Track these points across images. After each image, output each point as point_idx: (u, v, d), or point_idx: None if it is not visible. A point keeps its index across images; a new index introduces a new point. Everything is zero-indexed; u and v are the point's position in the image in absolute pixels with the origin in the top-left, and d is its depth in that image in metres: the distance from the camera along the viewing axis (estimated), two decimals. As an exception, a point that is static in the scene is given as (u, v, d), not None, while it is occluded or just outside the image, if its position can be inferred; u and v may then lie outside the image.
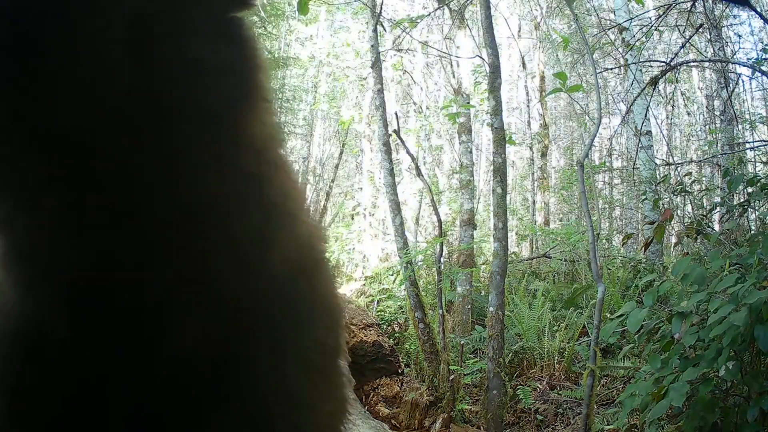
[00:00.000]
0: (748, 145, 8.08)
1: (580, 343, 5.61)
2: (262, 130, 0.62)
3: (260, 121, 0.61)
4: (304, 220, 0.69)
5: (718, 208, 5.74)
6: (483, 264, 9.19)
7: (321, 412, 0.71)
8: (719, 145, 7.99)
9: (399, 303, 7.81)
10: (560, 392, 5.11)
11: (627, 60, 6.95)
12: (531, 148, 13.08)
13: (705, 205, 7.14)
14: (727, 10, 8.45)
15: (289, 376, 0.65)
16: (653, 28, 6.00)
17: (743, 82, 10.15)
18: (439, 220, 5.66)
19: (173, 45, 0.53)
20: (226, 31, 0.58)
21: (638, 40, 6.36)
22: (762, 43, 9.34)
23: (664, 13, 5.89)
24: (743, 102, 11.91)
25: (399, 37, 8.47)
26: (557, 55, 12.64)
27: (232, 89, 0.57)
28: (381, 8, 6.19)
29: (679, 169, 7.58)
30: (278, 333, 0.64)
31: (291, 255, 0.64)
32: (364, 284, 9.65)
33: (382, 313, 7.86)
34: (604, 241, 9.02)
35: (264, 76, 0.63)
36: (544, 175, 12.41)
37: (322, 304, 0.72)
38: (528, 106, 13.97)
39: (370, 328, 6.05)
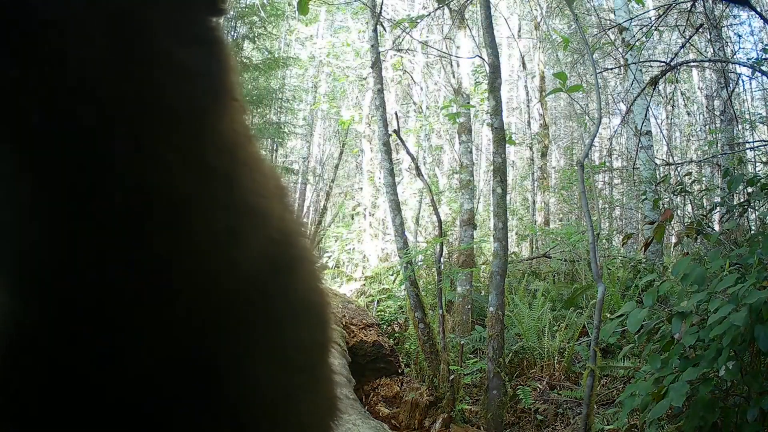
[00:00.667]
0: (748, 145, 8.08)
1: (580, 343, 5.61)
2: (231, 130, 0.63)
3: (230, 121, 0.63)
4: (280, 218, 0.69)
5: (718, 208, 5.74)
6: (483, 264, 9.19)
7: (304, 410, 0.71)
8: (719, 145, 7.99)
9: (399, 303, 7.81)
10: (560, 392, 5.11)
11: (627, 60, 6.95)
12: (531, 148, 13.08)
13: (705, 205, 7.15)
14: (727, 10, 8.45)
15: (267, 374, 0.65)
16: (653, 28, 6.00)
17: (743, 82, 10.18)
18: (439, 220, 5.65)
19: (147, 42, 0.55)
20: (199, 34, 0.60)
21: (638, 40, 6.36)
22: (762, 43, 9.36)
23: (664, 13, 5.89)
24: (743, 102, 11.92)
25: (399, 37, 8.47)
26: (557, 55, 12.64)
27: (202, 89, 0.58)
28: (381, 8, 6.19)
29: (679, 169, 7.59)
30: (253, 332, 0.64)
31: (263, 253, 0.64)
32: (364, 284, 9.65)
33: (382, 313, 7.86)
34: (604, 241, 9.02)
35: (234, 77, 0.64)
36: (544, 175, 12.41)
37: (300, 302, 0.71)
38: (528, 106, 13.97)
39: (370, 328, 6.05)
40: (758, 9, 6.21)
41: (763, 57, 5.48)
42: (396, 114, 5.82)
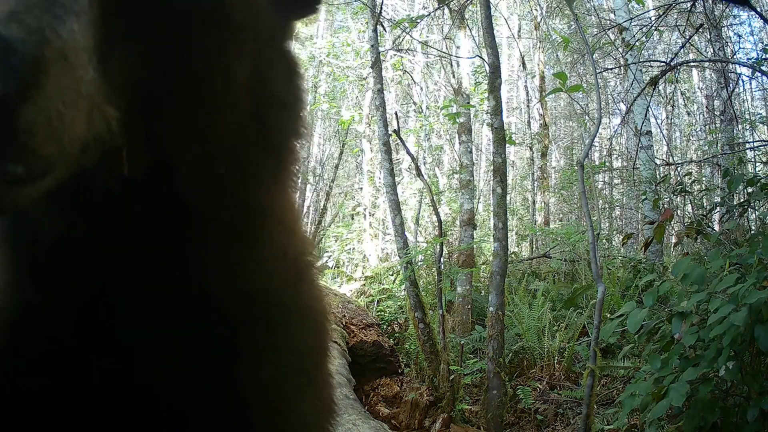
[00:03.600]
0: (748, 145, 8.07)
1: (580, 343, 5.60)
2: (281, 188, 0.76)
3: (281, 180, 0.76)
4: (295, 253, 0.82)
5: (718, 208, 5.73)
6: (483, 264, 9.19)
7: (304, 412, 0.76)
8: (719, 145, 7.98)
9: (399, 303, 7.80)
10: (560, 392, 5.11)
11: (627, 60, 6.95)
12: (531, 148, 13.07)
13: (705, 205, 7.14)
14: (727, 10, 8.44)
15: (271, 377, 0.71)
16: (653, 28, 5.99)
17: (743, 82, 10.14)
18: (439, 220, 5.65)
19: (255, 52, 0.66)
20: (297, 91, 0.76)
21: (638, 40, 6.35)
22: (762, 43, 9.36)
23: (664, 13, 5.89)
24: (743, 102, 11.90)
25: (399, 37, 8.47)
26: (557, 55, 12.64)
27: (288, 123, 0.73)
28: (381, 8, 6.19)
29: (679, 169, 7.58)
30: (261, 338, 0.71)
31: (278, 277, 0.75)
32: (364, 284, 9.65)
33: (382, 313, 7.86)
34: (604, 241, 9.02)
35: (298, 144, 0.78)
36: (544, 175, 12.40)
37: (303, 310, 0.79)
38: (528, 106, 13.96)
39: (370, 328, 6.05)
40: (758, 9, 6.20)
41: (763, 57, 5.47)
42: (396, 114, 5.82)
